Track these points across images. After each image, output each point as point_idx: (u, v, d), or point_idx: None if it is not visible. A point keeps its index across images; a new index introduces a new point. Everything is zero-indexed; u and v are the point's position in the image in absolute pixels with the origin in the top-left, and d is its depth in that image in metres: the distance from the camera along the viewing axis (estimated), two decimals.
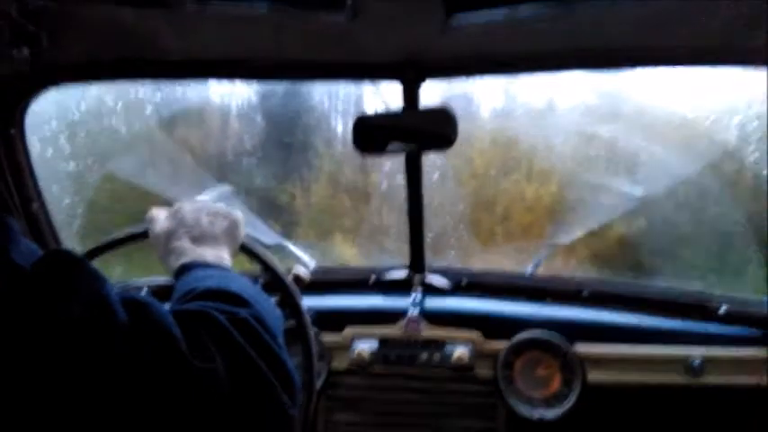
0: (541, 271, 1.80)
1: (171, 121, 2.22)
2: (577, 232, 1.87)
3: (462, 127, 1.27)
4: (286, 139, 2.34)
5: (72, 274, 0.54)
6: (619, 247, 2.19)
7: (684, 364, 1.48)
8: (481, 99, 2.13)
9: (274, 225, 2.33)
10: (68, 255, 0.56)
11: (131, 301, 0.55)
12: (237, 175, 2.38)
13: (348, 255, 2.23)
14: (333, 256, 2.26)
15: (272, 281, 1.15)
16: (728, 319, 1.57)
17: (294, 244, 1.89)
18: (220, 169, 2.42)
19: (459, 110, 1.27)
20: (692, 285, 1.86)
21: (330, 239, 2.27)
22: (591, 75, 1.63)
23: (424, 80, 1.38)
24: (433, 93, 1.41)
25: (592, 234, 1.94)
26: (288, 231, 2.32)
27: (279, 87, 2.11)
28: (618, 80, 1.86)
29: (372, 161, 1.94)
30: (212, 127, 2.38)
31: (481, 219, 2.31)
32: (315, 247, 2.26)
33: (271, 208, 2.38)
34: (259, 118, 2.31)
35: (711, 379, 1.47)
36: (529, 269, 1.79)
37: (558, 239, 1.89)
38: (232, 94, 2.27)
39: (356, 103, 1.75)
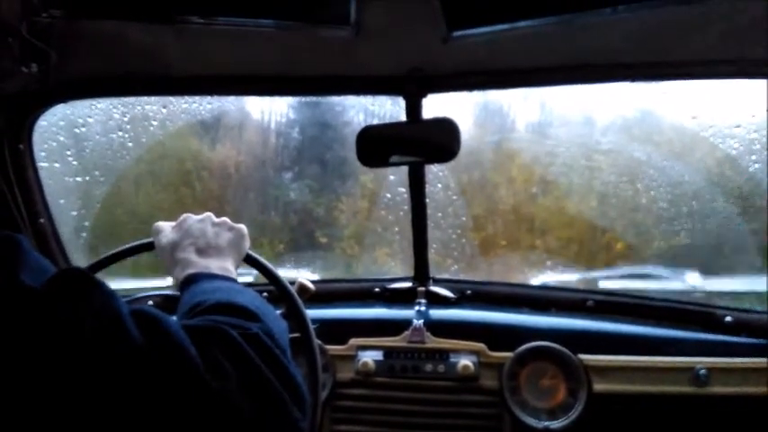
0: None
1: (212, 137, 2.26)
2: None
3: (497, 140, 1.28)
4: (323, 154, 2.37)
5: (83, 292, 0.54)
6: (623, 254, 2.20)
7: (690, 374, 1.47)
8: (516, 113, 2.14)
9: (318, 238, 2.36)
10: (79, 272, 0.57)
11: (144, 317, 0.55)
12: (277, 189, 2.41)
13: (390, 269, 2.23)
14: (375, 270, 2.26)
15: (278, 292, 1.16)
16: (733, 328, 1.57)
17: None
18: (260, 183, 2.46)
19: (493, 125, 1.28)
20: (696, 295, 1.86)
21: (372, 253, 2.27)
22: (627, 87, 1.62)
23: (426, 94, 1.39)
24: (464, 106, 1.40)
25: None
26: (330, 245, 2.34)
27: (314, 102, 2.14)
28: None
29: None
30: (251, 141, 2.42)
31: (519, 233, 2.32)
32: (359, 261, 2.27)
33: (312, 221, 2.40)
34: (296, 133, 2.34)
35: (717, 389, 1.46)
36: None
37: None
38: (271, 111, 2.30)
39: (392, 118, 1.76)
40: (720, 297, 1.81)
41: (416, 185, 1.60)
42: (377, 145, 1.39)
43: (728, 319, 1.58)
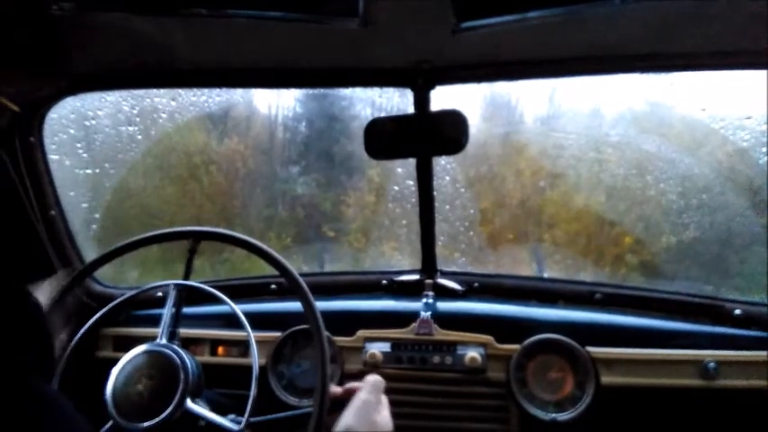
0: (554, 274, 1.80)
1: (220, 130, 2.28)
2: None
3: (505, 133, 1.28)
4: (330, 149, 2.37)
5: None
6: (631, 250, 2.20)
7: (699, 367, 1.47)
8: (525, 107, 2.13)
9: (325, 232, 2.37)
10: None
11: None
12: (284, 183, 2.41)
13: (397, 261, 2.23)
14: (383, 263, 2.26)
15: (288, 284, 1.16)
16: (743, 321, 1.56)
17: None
18: (267, 177, 2.46)
19: (501, 118, 1.29)
20: (705, 288, 1.85)
21: (379, 246, 2.28)
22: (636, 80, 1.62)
23: (434, 86, 1.39)
24: (474, 99, 1.40)
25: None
26: (338, 238, 2.34)
27: (321, 96, 2.13)
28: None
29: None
30: (259, 136, 2.42)
31: (527, 226, 2.32)
32: (366, 254, 2.28)
33: (319, 215, 2.41)
34: (303, 127, 2.35)
35: (726, 382, 1.46)
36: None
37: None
38: (278, 105, 2.31)
39: (399, 112, 1.76)
40: (729, 290, 1.80)
41: (424, 178, 1.60)
42: (385, 137, 1.39)
43: (737, 312, 1.57)
